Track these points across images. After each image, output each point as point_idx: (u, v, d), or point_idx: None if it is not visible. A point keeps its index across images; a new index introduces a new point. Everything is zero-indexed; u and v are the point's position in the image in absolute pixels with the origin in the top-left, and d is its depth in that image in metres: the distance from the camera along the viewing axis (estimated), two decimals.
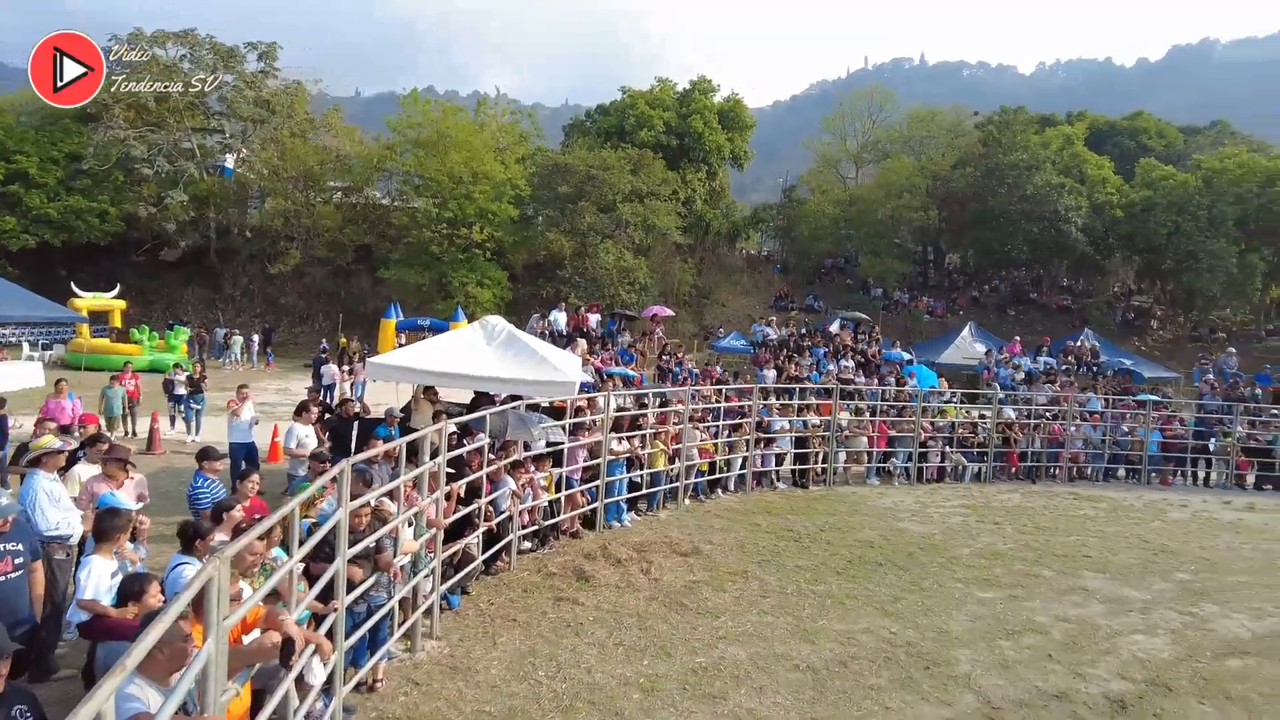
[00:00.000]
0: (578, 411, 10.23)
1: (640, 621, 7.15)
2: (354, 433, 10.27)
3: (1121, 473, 16.26)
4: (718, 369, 19.98)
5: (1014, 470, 15.60)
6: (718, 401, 13.76)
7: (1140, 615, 8.05)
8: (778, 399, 14.91)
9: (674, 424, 11.86)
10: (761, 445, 13.49)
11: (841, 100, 51.48)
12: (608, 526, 10.21)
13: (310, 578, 4.72)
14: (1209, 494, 15.43)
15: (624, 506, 10.63)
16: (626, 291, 29.88)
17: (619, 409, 11.41)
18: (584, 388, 11.38)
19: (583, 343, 16.24)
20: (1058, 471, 15.95)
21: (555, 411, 10.15)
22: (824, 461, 14.16)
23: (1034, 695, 6.15)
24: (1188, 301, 38.28)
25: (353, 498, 4.94)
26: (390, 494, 5.88)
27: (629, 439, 10.86)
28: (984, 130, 41.53)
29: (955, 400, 16.80)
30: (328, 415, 11.35)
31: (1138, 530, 11.77)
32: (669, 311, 27.07)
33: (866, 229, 39.85)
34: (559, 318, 20.11)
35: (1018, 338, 23.61)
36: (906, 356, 20.48)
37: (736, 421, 13.36)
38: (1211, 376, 20.02)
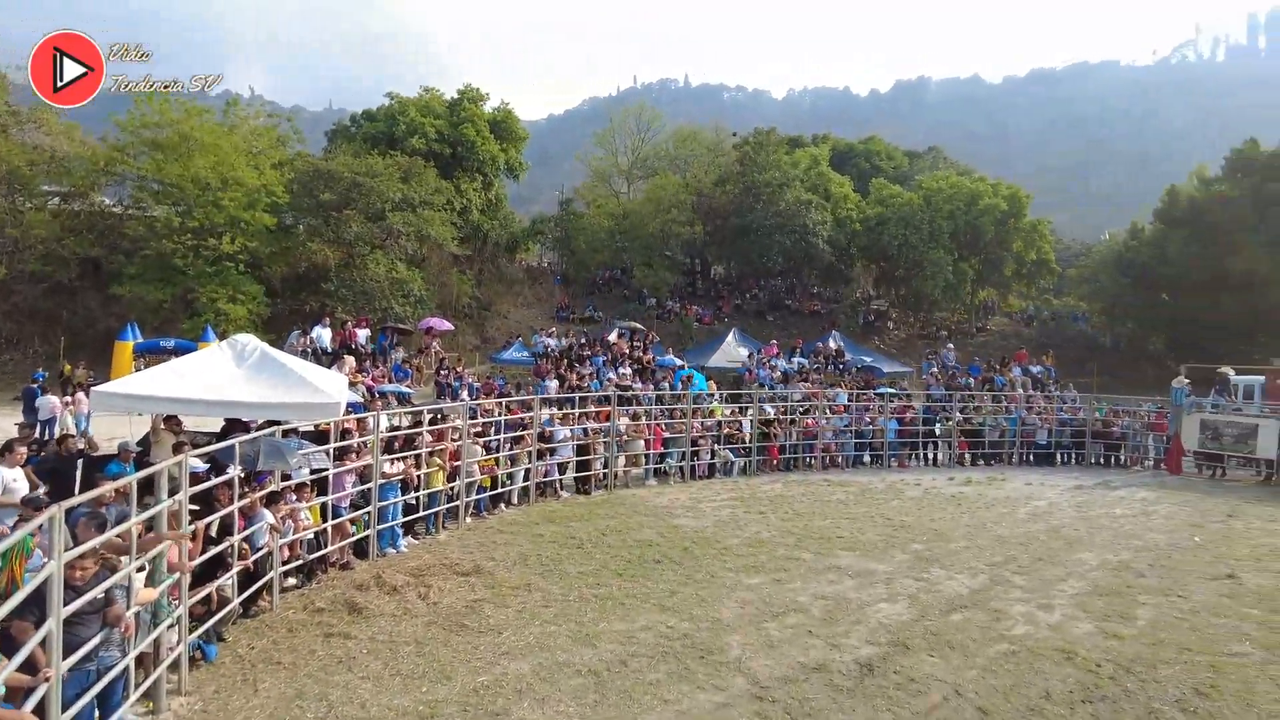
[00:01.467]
0: (344, 434, 9.64)
1: (419, 648, 6.86)
2: (77, 472, 8.97)
3: (866, 458, 18.16)
4: (499, 381, 19.76)
5: (775, 462, 16.91)
6: (499, 414, 13.61)
7: (884, 586, 8.98)
8: (559, 408, 15.02)
9: (452, 441, 11.53)
10: (546, 455, 13.53)
11: (611, 116, 53.19)
12: (382, 554, 9.70)
13: (11, 645, 4.03)
14: (938, 472, 17.64)
15: (399, 531, 10.16)
16: (400, 304, 28.69)
17: (391, 429, 10.90)
18: (352, 408, 10.74)
19: (350, 360, 15.32)
20: (813, 461, 17.48)
21: (320, 435, 9.49)
22: (605, 466, 14.47)
23: (797, 670, 6.64)
24: (916, 304, 43.55)
25: (80, 544, 4.30)
26: (121, 537, 5.19)
27: (402, 460, 10.41)
28: (741, 150, 44.66)
29: (722, 400, 17.88)
30: (42, 454, 9.82)
31: (881, 510, 13.16)
32: (447, 325, 26.37)
33: (639, 241, 41.37)
34: (323, 334, 18.87)
35: (774, 341, 25.60)
36: (679, 362, 21.48)
37: (518, 433, 13.28)
38: (936, 369, 22.90)
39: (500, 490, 12.59)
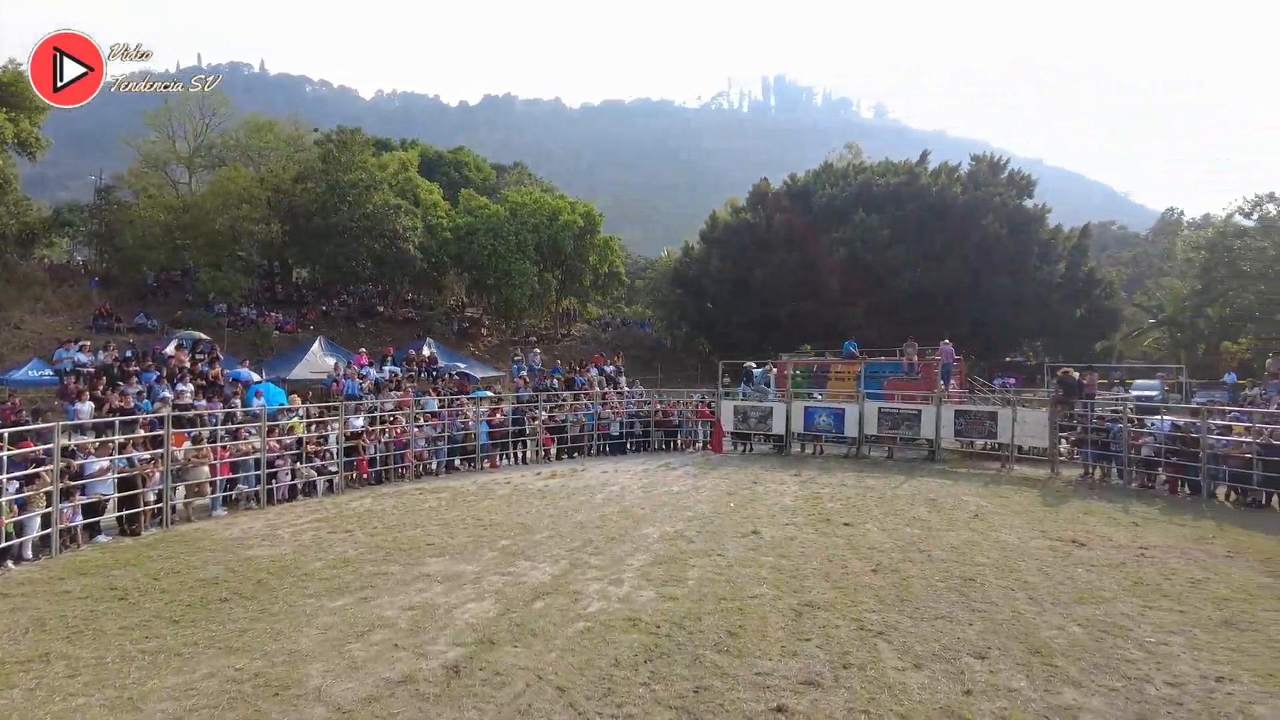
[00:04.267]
0: None
1: None
2: None
3: (459, 462, 18.34)
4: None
5: (365, 476, 16.21)
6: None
7: (473, 586, 9.09)
8: (96, 436, 12.53)
9: None
10: (74, 494, 11.16)
11: (167, 97, 46.18)
12: None
13: None
14: (526, 469, 18.51)
15: None
16: None
17: None
18: None
19: None
20: (405, 471, 17.13)
21: None
22: (159, 500, 12.45)
23: (382, 687, 6.37)
24: (506, 311, 45.30)
25: None
26: None
27: None
28: (324, 147, 42.16)
29: (303, 415, 16.60)
30: None
31: (472, 511, 13.36)
32: None
33: (204, 239, 36.71)
34: None
35: (363, 349, 24.61)
36: (254, 376, 19.43)
37: (33, 471, 10.77)
38: (524, 372, 24.04)
39: (7, 544, 10.08)
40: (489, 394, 22.69)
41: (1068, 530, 11.80)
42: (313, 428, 16.06)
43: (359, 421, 16.72)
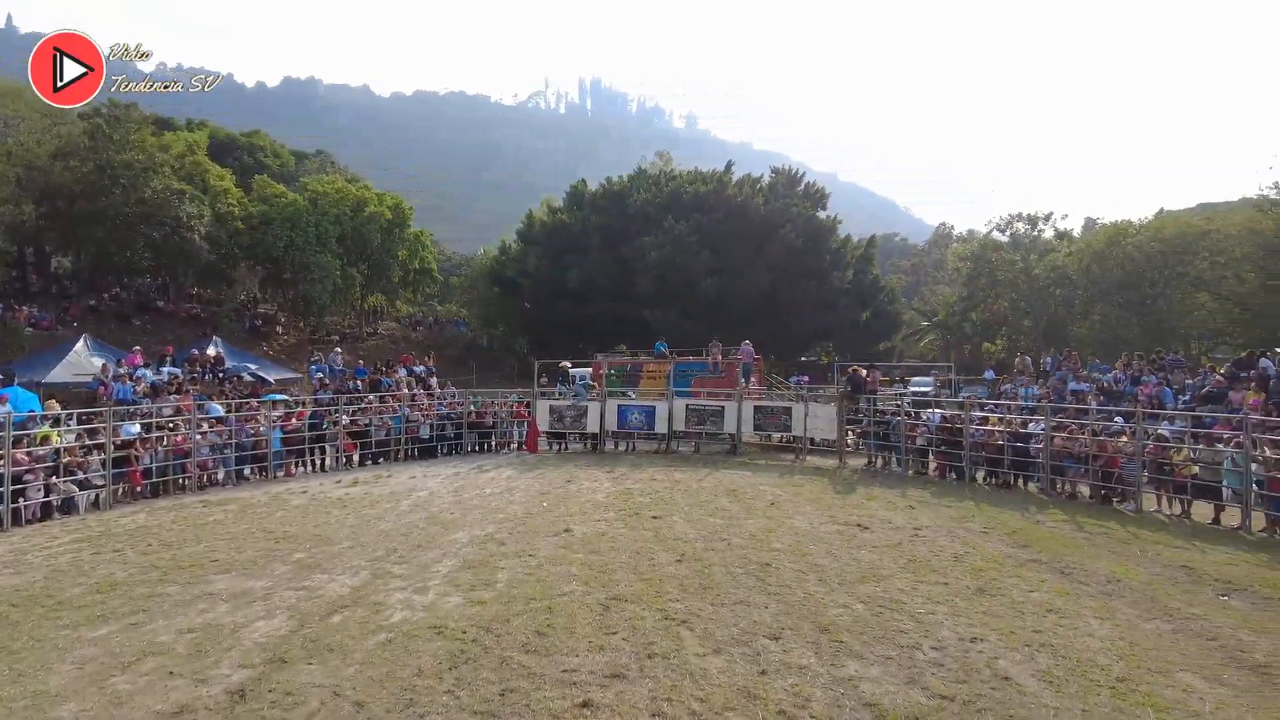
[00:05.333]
0: None
1: None
2: None
3: (249, 472, 16.97)
4: None
5: (138, 489, 14.59)
6: None
7: (262, 603, 8.42)
8: None
9: None
10: None
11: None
12: None
13: None
14: (325, 477, 17.44)
15: None
16: None
17: None
18: None
19: None
20: (186, 482, 15.60)
21: None
22: None
23: (148, 718, 5.76)
24: (305, 308, 42.55)
25: None
26: None
27: None
28: (91, 121, 37.53)
29: (65, 423, 14.68)
30: None
31: (263, 524, 12.39)
32: None
33: None
34: None
35: (138, 348, 22.17)
36: None
37: None
38: (323, 374, 22.64)
39: None
40: (284, 397, 21.15)
41: (853, 515, 12.82)
42: (73, 437, 14.22)
43: (134, 429, 15.01)
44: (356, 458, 19.06)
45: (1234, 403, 14.97)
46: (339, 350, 28.18)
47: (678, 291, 43.69)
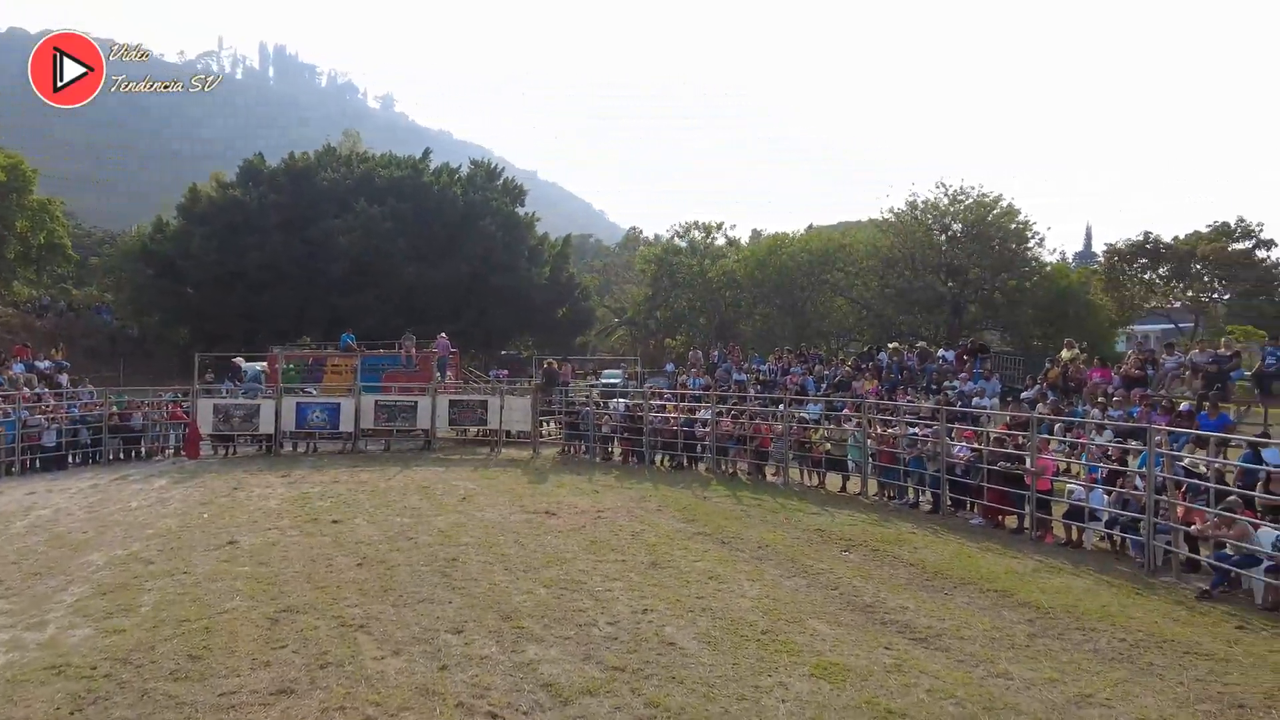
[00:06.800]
0: None
1: None
2: None
3: None
4: None
5: None
6: None
7: None
8: None
9: None
10: None
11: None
12: None
13: None
14: None
15: None
16: None
17: None
18: None
19: None
20: None
21: None
22: None
23: None
24: None
25: None
26: None
27: None
28: None
29: None
30: None
31: None
32: None
33: None
34: None
35: None
36: None
37: None
38: None
39: None
40: None
41: (543, 503, 13.19)
42: None
43: None
44: None
45: (857, 390, 17.81)
46: None
47: (373, 280, 41.52)
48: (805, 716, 5.57)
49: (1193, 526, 9.26)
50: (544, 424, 21.52)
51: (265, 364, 23.23)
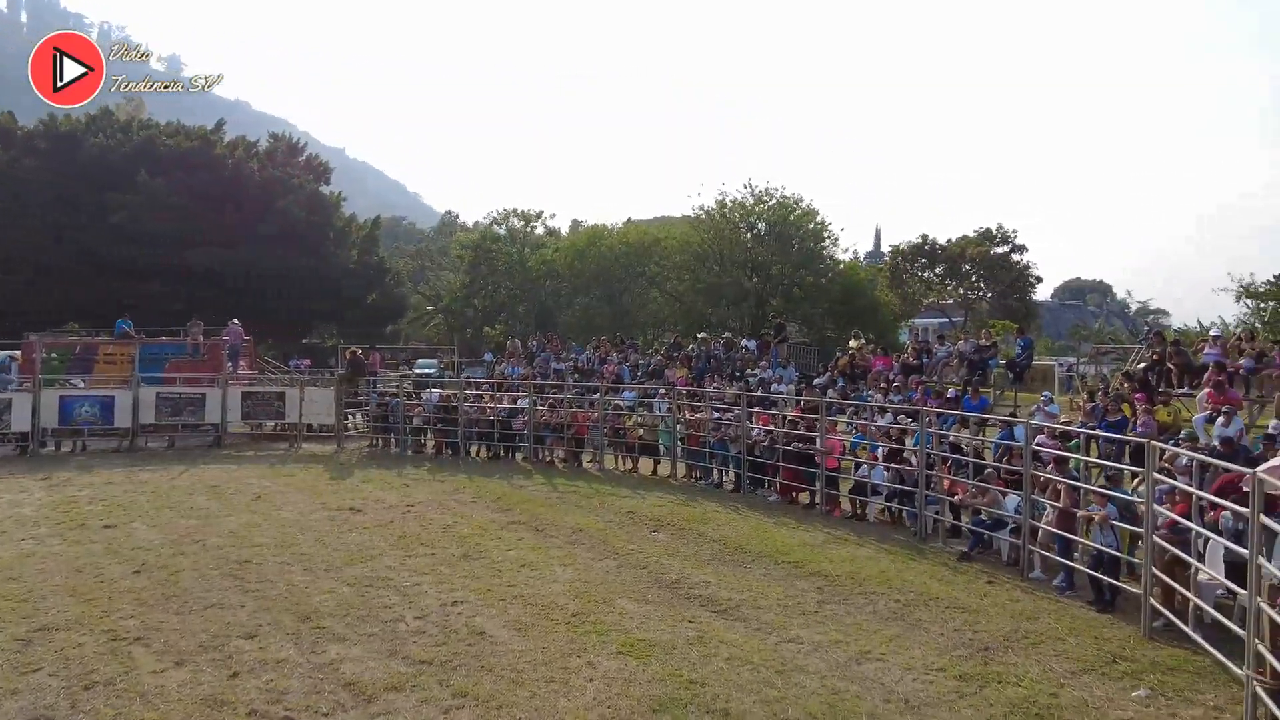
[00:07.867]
0: None
1: None
2: None
3: None
4: None
5: None
6: None
7: None
8: None
9: None
10: None
11: None
12: None
13: None
14: None
15: None
16: None
17: None
18: None
19: None
20: None
21: None
22: None
23: None
24: None
25: None
26: None
27: None
28: None
29: None
30: None
31: None
32: None
33: None
34: None
35: None
36: None
37: None
38: None
39: None
40: None
41: (347, 500, 12.58)
42: None
43: None
44: None
45: (669, 378, 18.43)
46: None
47: (157, 261, 37.50)
48: (612, 693, 5.73)
49: (955, 497, 10.45)
50: (350, 417, 20.50)
51: (18, 352, 20.39)
